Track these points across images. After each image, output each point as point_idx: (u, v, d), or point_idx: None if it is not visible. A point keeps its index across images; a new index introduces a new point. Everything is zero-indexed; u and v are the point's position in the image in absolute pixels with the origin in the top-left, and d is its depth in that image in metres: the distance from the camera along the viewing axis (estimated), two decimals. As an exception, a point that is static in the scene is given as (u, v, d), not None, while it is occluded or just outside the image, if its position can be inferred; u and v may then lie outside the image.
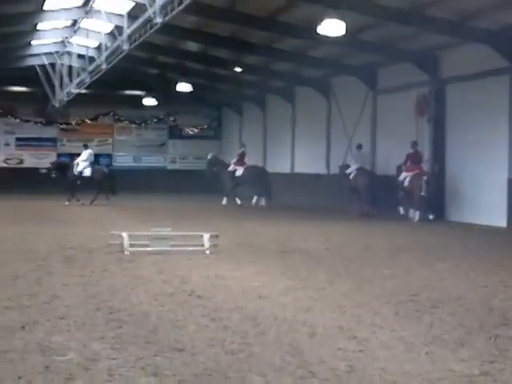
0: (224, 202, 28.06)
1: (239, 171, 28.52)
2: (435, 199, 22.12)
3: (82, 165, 27.85)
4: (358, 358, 5.84)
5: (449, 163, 22.31)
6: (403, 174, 22.48)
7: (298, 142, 32.58)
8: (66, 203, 26.51)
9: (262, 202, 27.93)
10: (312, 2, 19.79)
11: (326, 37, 19.57)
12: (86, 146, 29.57)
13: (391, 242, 15.65)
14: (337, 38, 19.55)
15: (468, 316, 7.63)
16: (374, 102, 26.26)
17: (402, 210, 22.64)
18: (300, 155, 32.25)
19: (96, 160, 30.92)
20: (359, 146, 25.50)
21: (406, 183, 22.18)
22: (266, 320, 7.21)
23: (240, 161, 28.98)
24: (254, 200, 28.01)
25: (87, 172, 27.65)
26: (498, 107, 19.98)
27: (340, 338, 6.49)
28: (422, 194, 21.51)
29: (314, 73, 29.57)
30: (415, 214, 21.96)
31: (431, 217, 21.73)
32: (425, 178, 21.72)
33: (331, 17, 18.38)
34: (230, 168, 28.79)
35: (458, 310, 7.94)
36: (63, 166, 28.97)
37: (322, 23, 18.56)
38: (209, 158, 31.36)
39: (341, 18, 18.35)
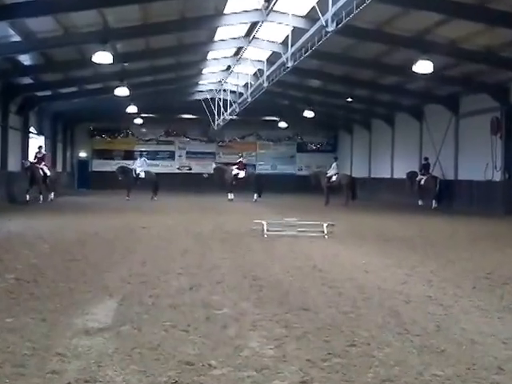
0: (229, 196, 27.67)
1: (241, 174, 28.23)
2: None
3: (139, 169, 28.10)
4: (443, 320, 5.65)
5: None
6: (419, 177, 25.60)
7: (396, 154, 31.94)
8: (127, 198, 26.42)
9: (255, 197, 27.43)
10: (407, 48, 19.43)
11: (419, 74, 19.27)
12: (141, 155, 29.75)
13: (468, 231, 14.99)
14: (427, 74, 19.31)
15: (533, 291, 7.20)
16: (457, 124, 25.56)
17: (420, 202, 25.17)
18: (398, 165, 31.59)
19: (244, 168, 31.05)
20: (336, 158, 28.69)
21: (423, 182, 25.16)
22: (370, 289, 7.07)
23: (240, 166, 28.62)
24: (255, 197, 27.47)
25: (142, 174, 27.90)
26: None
27: (429, 305, 6.29)
28: (437, 189, 24.51)
29: (409, 102, 28.94)
30: (433, 203, 24.36)
31: (436, 205, 24.23)
32: (438, 179, 24.71)
33: (422, 58, 18.33)
34: (234, 172, 28.24)
35: (525, 286, 7.50)
36: (126, 170, 28.33)
37: (416, 63, 18.46)
38: (214, 166, 31.35)
39: (430, 59, 18.22)
